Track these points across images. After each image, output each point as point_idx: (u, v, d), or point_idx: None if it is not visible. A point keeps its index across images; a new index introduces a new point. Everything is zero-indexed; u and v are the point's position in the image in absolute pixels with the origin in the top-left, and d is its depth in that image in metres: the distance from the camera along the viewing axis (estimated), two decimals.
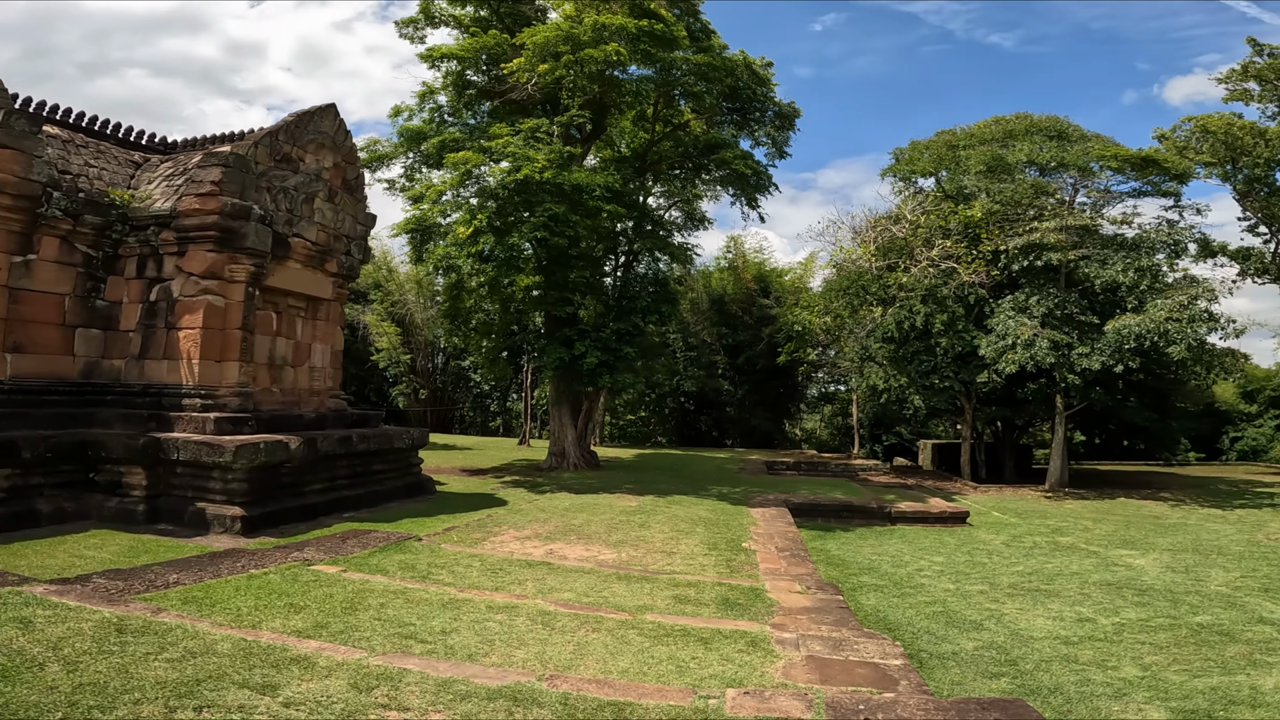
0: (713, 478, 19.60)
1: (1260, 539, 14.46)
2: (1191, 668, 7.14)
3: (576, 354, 19.41)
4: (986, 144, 22.67)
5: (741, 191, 20.54)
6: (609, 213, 18.04)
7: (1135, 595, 10.04)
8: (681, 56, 17.48)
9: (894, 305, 22.22)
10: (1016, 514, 17.36)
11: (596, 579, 8.42)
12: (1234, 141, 22.99)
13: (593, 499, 15.08)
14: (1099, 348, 19.26)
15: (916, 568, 11.74)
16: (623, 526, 12.08)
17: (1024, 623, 8.85)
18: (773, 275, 34.31)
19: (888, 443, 34.63)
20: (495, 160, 17.31)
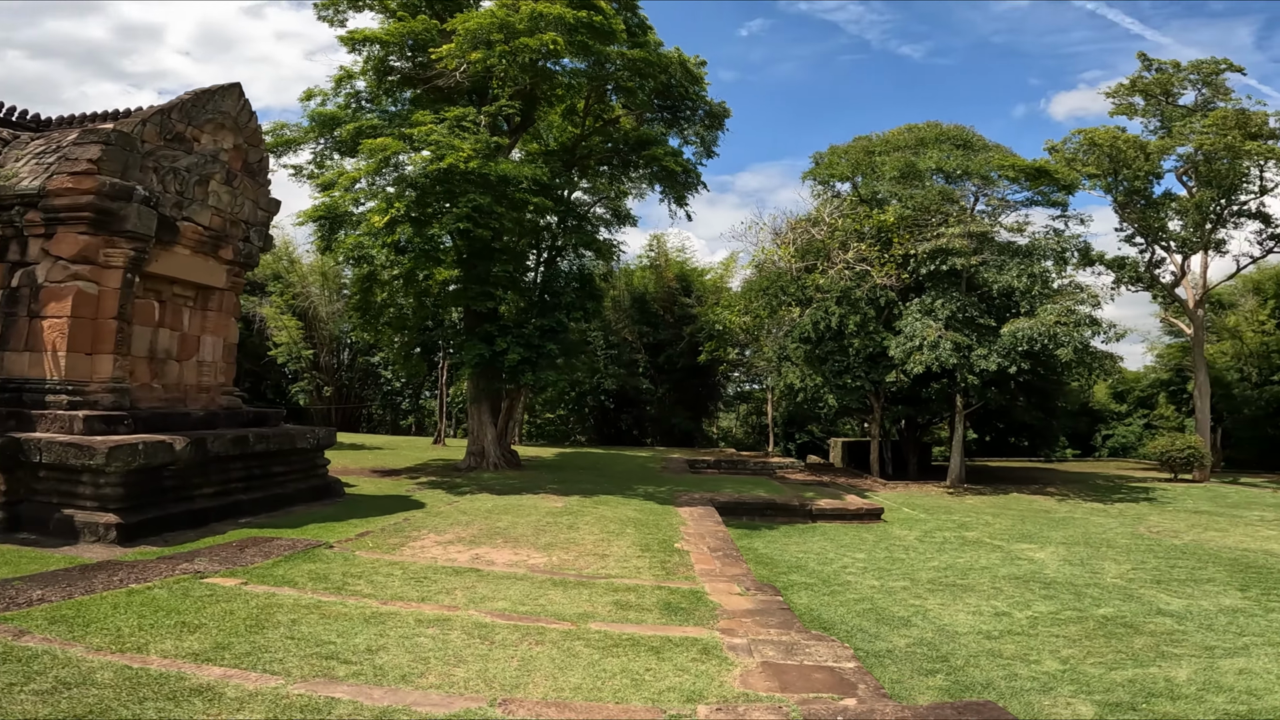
0: (637, 477, 19.47)
1: (1142, 532, 15.66)
2: (1106, 660, 7.52)
3: (497, 350, 18.85)
4: (900, 150, 23.63)
5: (670, 189, 20.52)
6: (535, 206, 17.58)
7: (1041, 589, 10.58)
8: (617, 51, 17.23)
9: (811, 306, 22.80)
10: (925, 510, 18.13)
11: (531, 586, 8.07)
12: (1117, 154, 24.90)
13: (517, 500, 14.62)
14: (995, 349, 20.42)
15: (841, 565, 11.98)
16: (551, 528, 11.73)
17: (947, 618, 9.14)
18: (694, 275, 34.59)
19: (800, 440, 35.61)
20: (417, 148, 16.53)
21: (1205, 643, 8.04)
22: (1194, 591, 10.35)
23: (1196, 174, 25.90)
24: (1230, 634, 8.33)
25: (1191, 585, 10.74)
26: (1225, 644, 7.98)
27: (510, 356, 18.49)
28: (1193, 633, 8.41)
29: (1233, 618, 8.97)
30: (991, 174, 22.61)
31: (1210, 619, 8.94)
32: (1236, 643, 8.00)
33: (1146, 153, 25.05)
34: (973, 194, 23.50)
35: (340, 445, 24.76)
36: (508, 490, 15.97)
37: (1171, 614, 9.20)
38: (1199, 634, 8.37)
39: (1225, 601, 9.78)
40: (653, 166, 19.79)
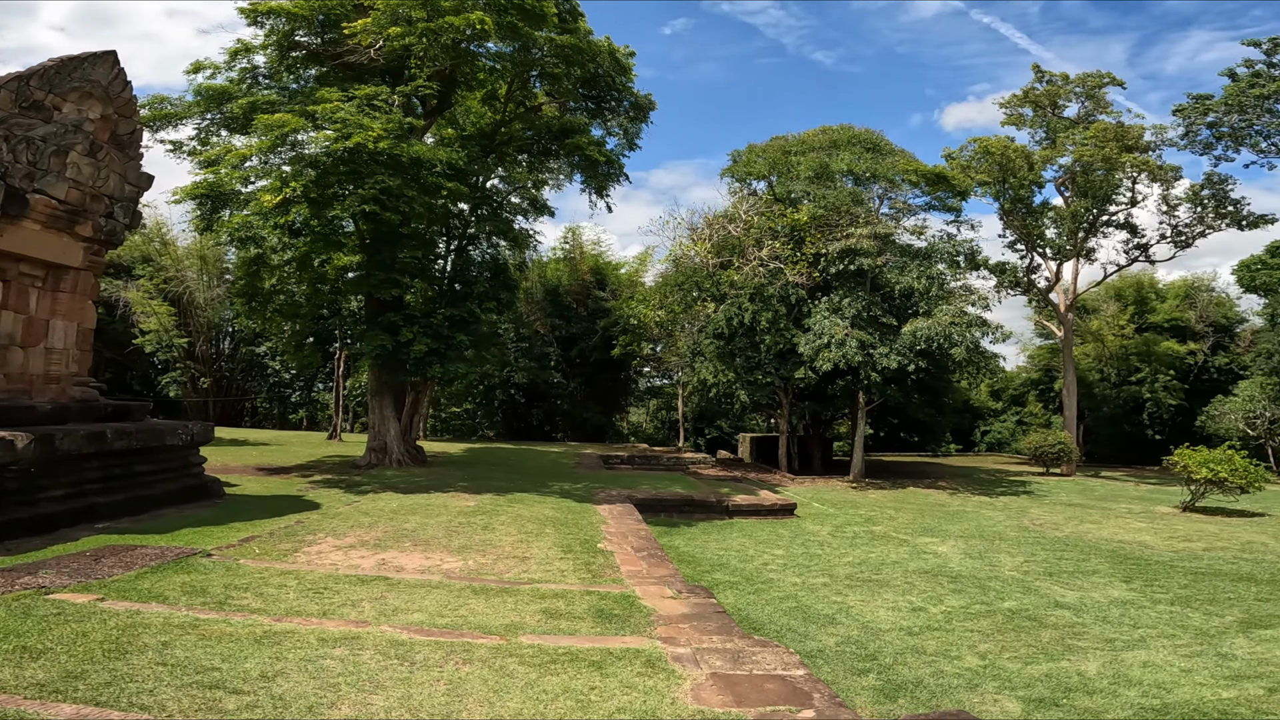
0: (551, 473, 18.91)
1: (1027, 525, 16.64)
2: (1020, 655, 7.75)
3: (403, 341, 17.83)
4: (815, 151, 24.19)
5: (592, 179, 20.03)
6: (449, 191, 16.72)
7: (949, 583, 10.93)
8: (546, 36, 16.57)
9: (725, 303, 22.96)
10: (833, 505, 18.60)
11: (448, 594, 7.45)
12: (1007, 163, 26.52)
13: (425, 499, 13.77)
14: (896, 348, 21.26)
15: (762, 562, 11.97)
16: (464, 530, 11.05)
17: (869, 615, 9.23)
18: (609, 268, 34.22)
19: (710, 436, 36.00)
20: (320, 126, 15.39)
21: (1105, 635, 8.46)
22: (1084, 584, 10.97)
23: (1074, 184, 28.00)
24: (1125, 626, 8.81)
25: (1080, 577, 11.38)
26: (1123, 636, 8.42)
27: (417, 347, 17.55)
28: (1091, 625, 8.85)
29: (1124, 610, 9.51)
30: (896, 178, 23.52)
31: (1104, 611, 9.46)
32: (1133, 635, 8.46)
33: (1031, 162, 26.83)
34: (878, 197, 24.38)
35: (220, 441, 22.77)
36: (414, 489, 15.06)
37: (1069, 606, 9.67)
38: (1097, 626, 8.81)
39: (1114, 593, 10.40)
40: (575, 156, 19.27)
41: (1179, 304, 38.34)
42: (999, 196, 28.08)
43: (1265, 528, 16.12)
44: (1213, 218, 27.68)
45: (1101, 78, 27.24)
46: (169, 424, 12.70)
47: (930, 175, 23.77)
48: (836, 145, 24.23)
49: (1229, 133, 25.20)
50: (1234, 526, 16.25)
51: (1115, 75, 27.25)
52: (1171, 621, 8.98)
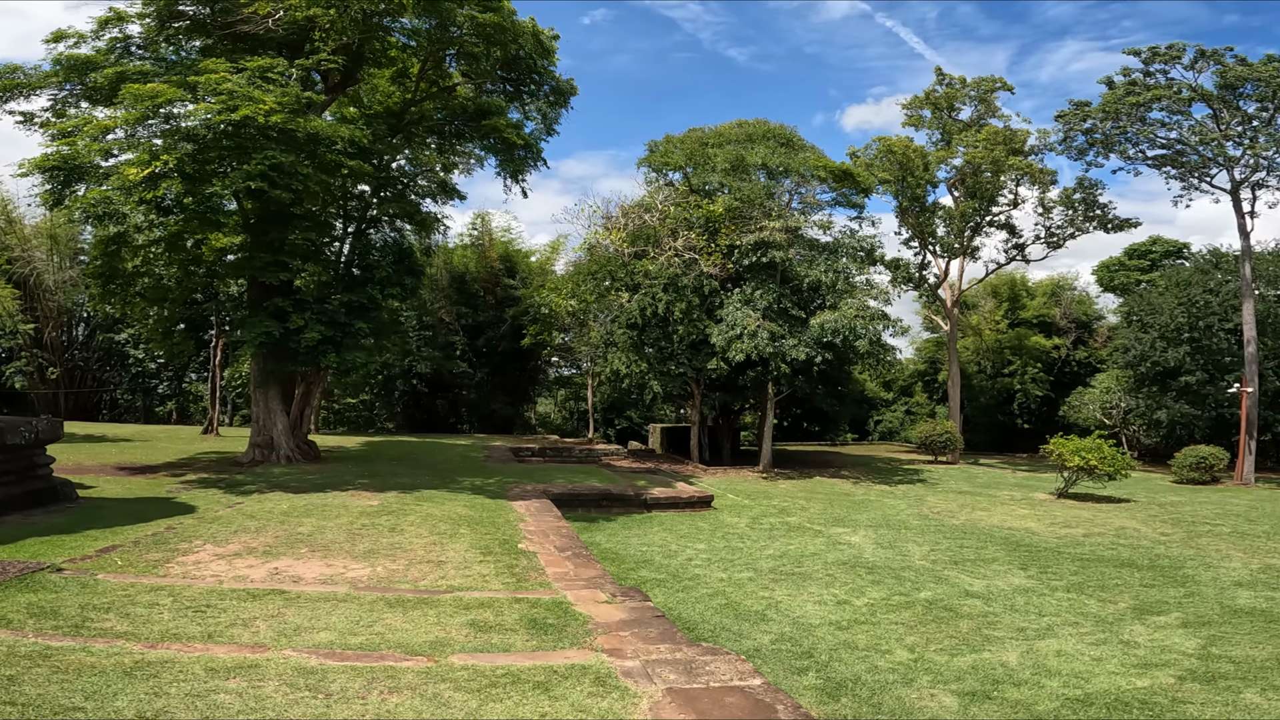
0: (459, 468, 18.00)
1: (926, 513, 17.37)
2: (944, 647, 7.90)
3: (292, 328, 16.51)
4: (732, 144, 24.29)
5: (508, 163, 19.10)
6: (351, 170, 15.55)
7: (867, 574, 11.12)
8: (467, 14, 15.57)
9: (639, 292, 22.69)
10: (747, 496, 18.74)
11: (359, 608, 6.71)
12: (907, 162, 27.64)
13: (320, 499, 12.68)
14: (805, 340, 21.72)
15: (686, 557, 11.77)
16: (368, 532, 10.18)
17: (798, 609, 9.19)
18: (519, 256, 33.10)
19: (620, 426, 35.71)
20: (202, 98, 14.04)
21: (1016, 624, 8.78)
22: (986, 572, 11.44)
23: (964, 185, 29.64)
24: (1032, 614, 9.19)
25: (982, 565, 11.87)
26: (1033, 625, 8.77)
27: (309, 335, 16.30)
28: (1002, 614, 9.17)
29: (1027, 598, 9.94)
30: (807, 173, 23.97)
31: (1010, 600, 9.85)
32: (1041, 623, 8.82)
33: (927, 162, 28.16)
34: (790, 191, 24.79)
35: (73, 437, 20.39)
36: (307, 487, 13.87)
37: (978, 595, 10.01)
38: (1008, 615, 9.14)
39: (1015, 581, 10.87)
40: (490, 138, 18.31)
41: (1046, 301, 41.54)
42: (899, 195, 29.29)
43: (1133, 513, 17.55)
44: (1082, 220, 30.05)
45: (994, 82, 28.95)
46: (9, 420, 11.08)
47: (838, 172, 24.40)
48: (752, 139, 24.44)
49: (1101, 139, 27.40)
50: (1105, 512, 17.60)
51: (1006, 80, 29.08)
52: (1071, 609, 9.43)
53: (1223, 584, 10.72)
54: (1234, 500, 20.06)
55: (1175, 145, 26.68)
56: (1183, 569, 11.71)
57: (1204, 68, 25.15)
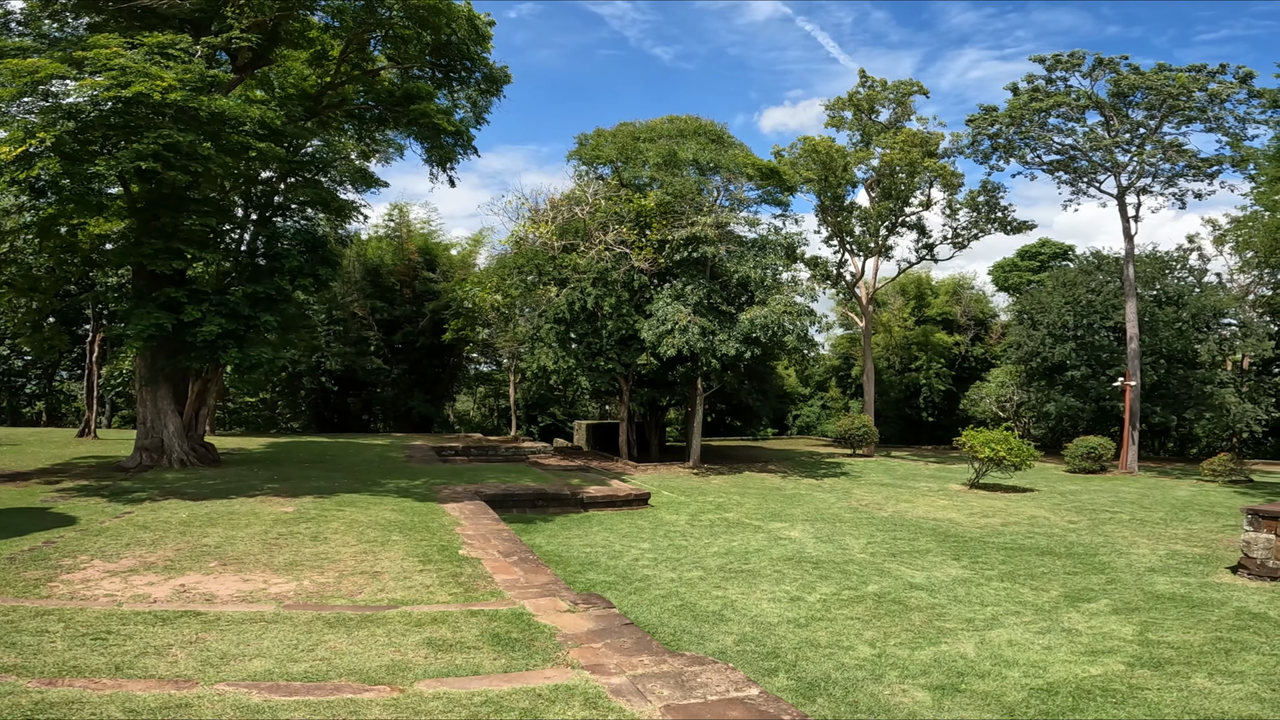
0: (380, 469, 16.89)
1: (855, 506, 17.73)
2: (903, 641, 7.89)
3: (186, 320, 15.07)
4: (664, 139, 24.03)
5: (436, 150, 17.99)
6: (260, 153, 14.30)
7: (813, 569, 11.08)
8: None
9: (568, 287, 22.10)
10: (682, 492, 18.56)
11: (293, 629, 5.97)
12: (829, 162, 28.24)
13: (225, 506, 11.53)
14: (734, 335, 21.77)
15: (632, 557, 11.39)
16: (288, 542, 9.26)
17: (753, 608, 8.99)
18: (439, 249, 31.58)
19: (543, 424, 34.85)
20: (90, 73, 12.69)
21: (963, 615, 8.91)
22: (923, 563, 11.65)
23: (880, 186, 30.64)
24: (975, 605, 9.37)
25: (918, 557, 12.10)
26: (979, 615, 8.93)
27: (207, 328, 14.96)
28: (948, 605, 9.30)
29: (967, 588, 10.15)
30: (736, 170, 24.03)
31: (952, 590, 10.04)
32: (986, 613, 9.00)
33: (847, 163, 28.90)
34: (719, 188, 24.79)
35: None
36: (208, 494, 12.62)
37: (921, 587, 10.15)
38: (953, 607, 9.28)
39: (951, 572, 11.11)
40: (417, 124, 17.21)
41: (949, 300, 43.70)
42: (821, 194, 29.93)
43: (1039, 502, 18.52)
44: (985, 222, 31.70)
45: (911, 86, 30.04)
46: None
47: (765, 170, 24.62)
48: (684, 134, 24.29)
49: (1005, 144, 28.96)
50: (1015, 502, 18.49)
51: (922, 84, 30.21)
52: (1009, 598, 9.68)
53: (1138, 570, 11.31)
54: (1124, 488, 21.57)
55: (1069, 151, 28.49)
56: (1097, 556, 12.32)
57: (1100, 75, 26.94)
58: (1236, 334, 33.63)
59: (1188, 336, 31.13)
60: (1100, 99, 26.98)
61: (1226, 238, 36.85)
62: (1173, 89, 25.48)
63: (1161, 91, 25.50)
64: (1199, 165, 26.74)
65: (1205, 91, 25.74)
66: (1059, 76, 27.62)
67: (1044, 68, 27.61)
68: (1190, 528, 14.92)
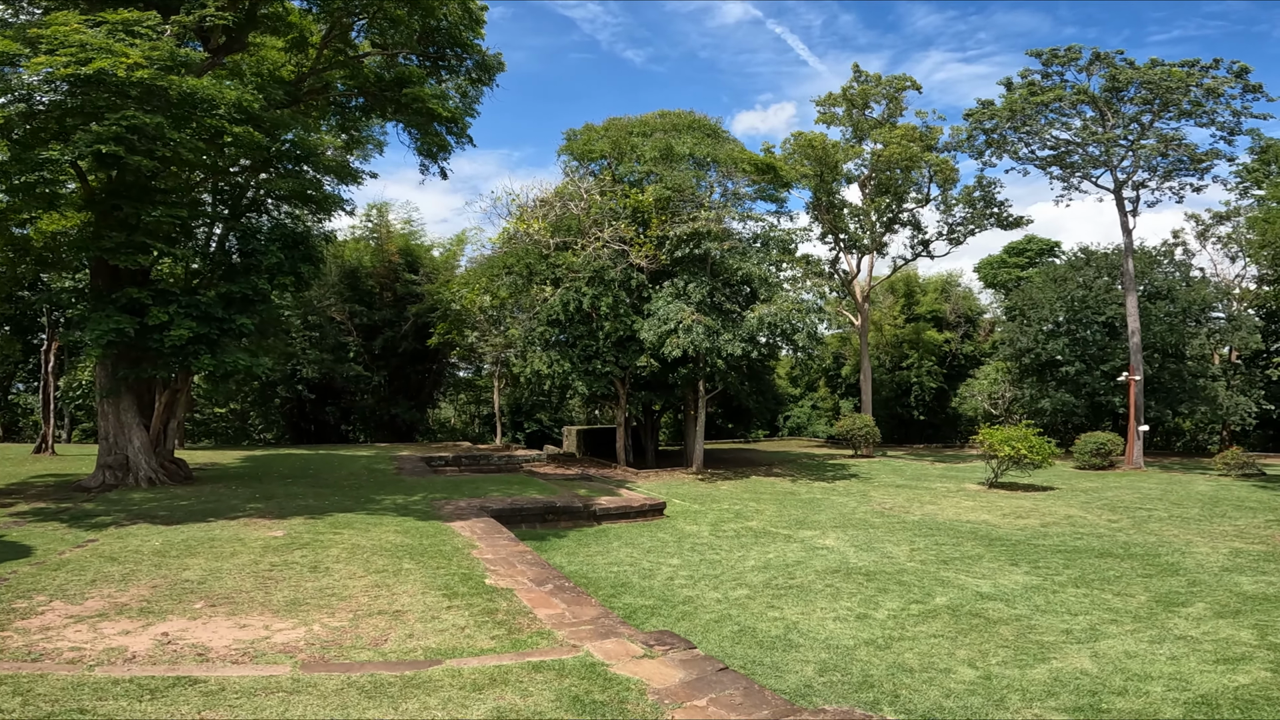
0: (370, 483, 15.53)
1: (879, 509, 16.84)
2: (1005, 659, 7.01)
3: (152, 324, 13.68)
4: (659, 133, 23.02)
5: (427, 139, 16.60)
6: (236, 138, 12.97)
7: (866, 580, 10.11)
8: None
9: (562, 287, 20.92)
10: (694, 500, 17.48)
11: (321, 703, 4.77)
12: (825, 157, 27.45)
13: (205, 531, 10.18)
14: (739, 334, 20.80)
15: (665, 575, 10.27)
16: (284, 574, 7.99)
17: (819, 630, 7.97)
18: (422, 250, 30.02)
19: (530, 430, 33.51)
20: (47, 51, 11.33)
21: (1057, 626, 8.05)
22: (980, 570, 10.76)
23: (877, 182, 29.96)
24: (1062, 614, 8.51)
25: (972, 563, 11.19)
26: (1073, 625, 8.07)
27: (175, 332, 13.59)
28: (1032, 616, 8.43)
29: (1045, 596, 9.30)
30: (733, 165, 23.09)
31: (1028, 599, 9.17)
32: (1079, 623, 8.15)
33: (847, 157, 28.18)
34: (716, 183, 23.84)
35: None
36: (183, 516, 11.23)
37: (993, 597, 9.26)
38: (1039, 617, 8.41)
39: (1016, 579, 10.23)
40: (409, 111, 15.84)
41: (938, 297, 43.28)
42: (818, 190, 29.16)
43: (1067, 501, 17.82)
44: (981, 217, 31.20)
45: (904, 81, 29.43)
46: None
47: (762, 165, 23.77)
48: (678, 129, 23.35)
49: (998, 140, 28.45)
50: (1043, 501, 17.75)
51: (915, 80, 29.58)
52: (1096, 605, 8.83)
53: (1212, 570, 10.54)
54: (1142, 484, 21.00)
55: (1065, 146, 28.05)
56: (1160, 557, 11.53)
57: (1095, 70, 26.53)
58: (1226, 327, 33.61)
59: (1179, 331, 30.97)
60: (1094, 94, 26.59)
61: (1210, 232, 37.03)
62: (1170, 83, 25.16)
63: (1159, 86, 25.15)
64: (1200, 158, 26.45)
65: (1200, 86, 25.46)
66: (1055, 71, 27.17)
67: (1040, 62, 27.14)
68: (1235, 524, 14.27)
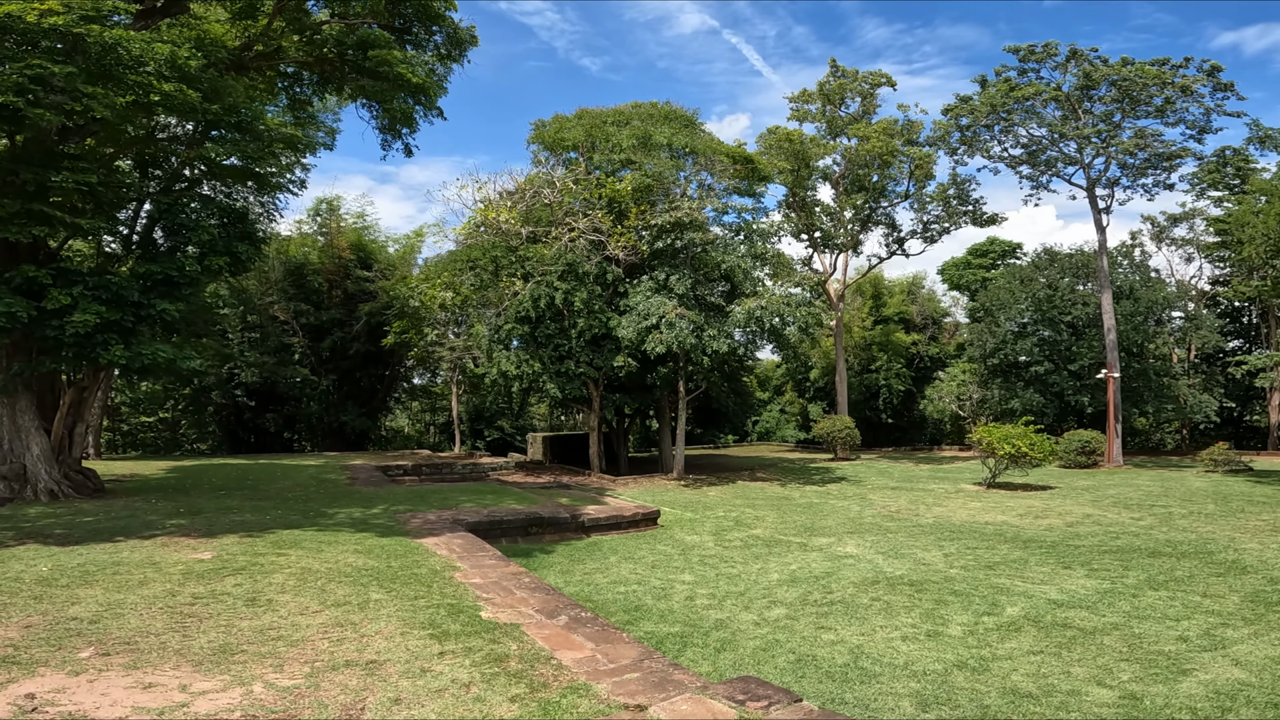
0: (320, 495, 13.44)
1: (886, 512, 15.67)
2: (1136, 675, 5.98)
3: (52, 308, 11.51)
4: (635, 122, 21.52)
5: (389, 114, 14.40)
6: (165, 99, 11.01)
7: (915, 591, 8.76)
8: None
9: (532, 281, 19.14)
10: (684, 508, 15.91)
11: None
12: (801, 152, 26.39)
13: (109, 553, 8.14)
14: (725, 330, 19.40)
15: (683, 595, 8.67)
16: (211, 609, 6.13)
17: (890, 652, 6.57)
18: (376, 247, 27.56)
19: (490, 438, 31.41)
20: None
21: (1165, 634, 6.99)
22: (1033, 575, 9.59)
23: (849, 178, 29.08)
24: (1162, 620, 7.45)
25: (1020, 567, 10.03)
26: (1185, 633, 6.98)
27: (79, 318, 11.44)
28: (1129, 624, 7.32)
29: (1130, 601, 8.19)
30: (711, 156, 21.76)
31: (1111, 605, 8.09)
32: (1189, 630, 7.10)
33: (824, 152, 27.20)
34: (693, 176, 22.44)
35: None
36: (84, 535, 9.13)
37: (1069, 604, 8.10)
38: (1139, 625, 7.29)
39: (1082, 583, 9.09)
40: (369, 77, 13.72)
41: (904, 299, 42.90)
42: (795, 186, 28.12)
43: (1076, 499, 16.95)
44: (955, 215, 30.64)
45: (879, 77, 28.66)
46: None
47: (739, 156, 22.50)
48: (654, 119, 21.91)
49: (971, 137, 27.94)
50: (1050, 500, 16.85)
51: (890, 76, 28.81)
52: (1193, 610, 7.75)
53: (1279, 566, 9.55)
54: (1136, 481, 20.39)
55: (1040, 142, 27.68)
56: (1214, 555, 10.55)
57: (1067, 68, 26.21)
58: (1187, 327, 33.89)
59: (1142, 330, 31.02)
60: (1066, 93, 26.26)
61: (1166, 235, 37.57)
62: (1145, 80, 24.97)
63: (1134, 83, 24.94)
64: (1179, 154, 26.34)
65: (1173, 85, 25.35)
66: (1031, 67, 26.77)
67: (1017, 59, 26.70)
68: (1261, 519, 13.51)
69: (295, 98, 16.38)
